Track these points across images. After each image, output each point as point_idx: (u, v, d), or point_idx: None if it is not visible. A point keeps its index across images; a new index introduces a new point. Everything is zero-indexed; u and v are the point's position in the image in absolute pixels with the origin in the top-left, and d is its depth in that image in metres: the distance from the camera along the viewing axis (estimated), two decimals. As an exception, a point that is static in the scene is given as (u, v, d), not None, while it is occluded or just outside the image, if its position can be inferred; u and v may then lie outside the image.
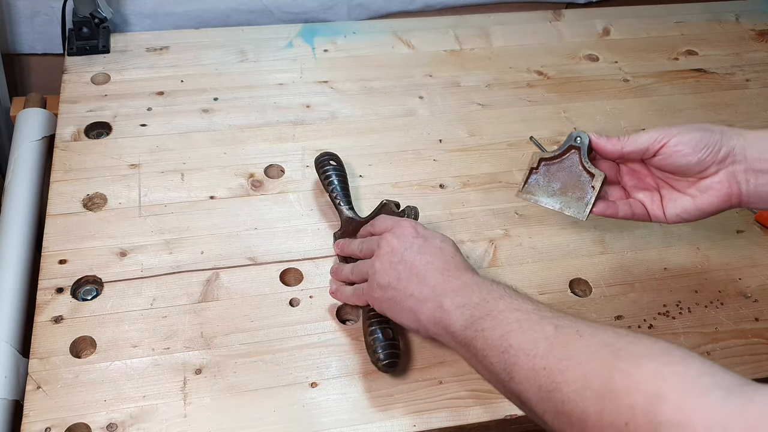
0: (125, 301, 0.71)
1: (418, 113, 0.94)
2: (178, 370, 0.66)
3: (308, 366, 0.68)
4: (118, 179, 0.82)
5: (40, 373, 0.65)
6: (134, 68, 0.95)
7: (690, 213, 0.67)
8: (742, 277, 0.79)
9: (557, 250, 0.79)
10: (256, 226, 0.79)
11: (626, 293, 0.76)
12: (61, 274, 0.72)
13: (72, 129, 0.87)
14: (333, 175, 0.80)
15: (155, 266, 0.74)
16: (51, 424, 0.61)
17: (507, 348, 0.54)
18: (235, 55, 0.99)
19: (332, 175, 0.80)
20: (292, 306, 0.72)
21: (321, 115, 0.92)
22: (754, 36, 1.12)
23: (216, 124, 0.89)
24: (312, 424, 0.64)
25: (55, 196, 0.79)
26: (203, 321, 0.70)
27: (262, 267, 0.75)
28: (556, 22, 1.10)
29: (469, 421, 0.65)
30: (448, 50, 1.03)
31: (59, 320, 0.69)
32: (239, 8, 1.06)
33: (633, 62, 1.04)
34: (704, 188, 0.65)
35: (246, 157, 0.86)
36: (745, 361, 0.71)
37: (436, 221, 0.81)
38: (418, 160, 0.88)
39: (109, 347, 0.67)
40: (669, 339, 0.72)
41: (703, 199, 0.66)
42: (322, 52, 1.01)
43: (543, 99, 0.97)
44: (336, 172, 0.80)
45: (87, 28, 0.95)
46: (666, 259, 0.80)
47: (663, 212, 0.68)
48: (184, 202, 0.80)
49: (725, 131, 0.65)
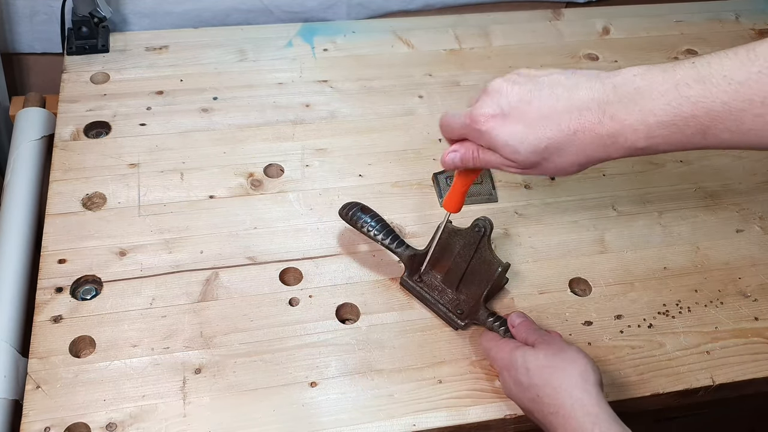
0: (125, 300, 0.71)
1: (417, 112, 0.93)
2: (177, 369, 0.66)
3: (308, 365, 0.67)
4: (118, 179, 0.82)
5: (40, 372, 0.65)
6: (133, 68, 0.95)
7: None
8: (742, 277, 0.79)
9: (557, 250, 0.79)
10: (255, 226, 0.79)
11: (626, 292, 0.76)
12: (61, 274, 0.72)
13: (71, 128, 0.86)
14: (370, 222, 0.74)
15: (155, 266, 0.74)
16: (50, 424, 0.61)
17: None
18: (235, 55, 0.99)
19: (369, 222, 0.74)
20: (292, 305, 0.72)
21: (320, 115, 0.92)
22: (754, 35, 1.12)
23: (215, 124, 0.89)
24: (311, 424, 0.64)
25: (54, 196, 0.79)
26: (203, 320, 0.70)
27: (261, 266, 0.75)
28: (555, 22, 1.10)
29: (468, 420, 0.65)
30: (448, 49, 1.03)
31: (58, 320, 0.69)
32: (239, 7, 1.05)
33: (633, 61, 1.04)
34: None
35: (245, 157, 0.86)
36: (744, 361, 0.71)
37: (435, 221, 0.81)
38: (417, 160, 0.87)
39: (108, 347, 0.67)
40: (669, 338, 0.72)
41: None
42: (321, 52, 1.01)
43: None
44: (370, 218, 0.75)
45: (86, 27, 0.95)
46: (666, 258, 0.80)
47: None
48: (183, 202, 0.80)
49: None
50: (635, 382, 0.69)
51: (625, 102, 0.51)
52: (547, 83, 0.55)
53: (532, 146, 0.54)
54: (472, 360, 0.69)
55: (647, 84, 0.51)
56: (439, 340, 0.71)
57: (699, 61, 0.50)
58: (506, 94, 0.56)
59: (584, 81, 0.54)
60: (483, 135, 0.57)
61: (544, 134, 0.54)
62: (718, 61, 0.49)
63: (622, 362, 0.70)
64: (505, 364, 0.64)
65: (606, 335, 0.72)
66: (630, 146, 0.52)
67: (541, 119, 0.54)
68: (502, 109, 0.55)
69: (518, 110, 0.55)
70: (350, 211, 0.75)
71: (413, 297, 0.73)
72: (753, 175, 0.90)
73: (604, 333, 0.72)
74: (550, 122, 0.54)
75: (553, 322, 0.73)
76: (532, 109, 0.54)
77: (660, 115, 0.50)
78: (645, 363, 0.70)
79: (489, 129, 0.56)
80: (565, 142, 0.54)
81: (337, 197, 0.82)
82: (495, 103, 0.56)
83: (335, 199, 0.82)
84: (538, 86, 0.55)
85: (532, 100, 0.55)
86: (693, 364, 0.70)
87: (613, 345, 0.71)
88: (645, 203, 0.85)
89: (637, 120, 0.51)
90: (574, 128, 0.53)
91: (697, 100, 0.49)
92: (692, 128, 0.50)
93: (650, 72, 0.51)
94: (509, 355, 0.63)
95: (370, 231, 0.74)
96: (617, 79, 0.52)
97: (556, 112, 0.54)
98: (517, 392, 0.62)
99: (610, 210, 0.84)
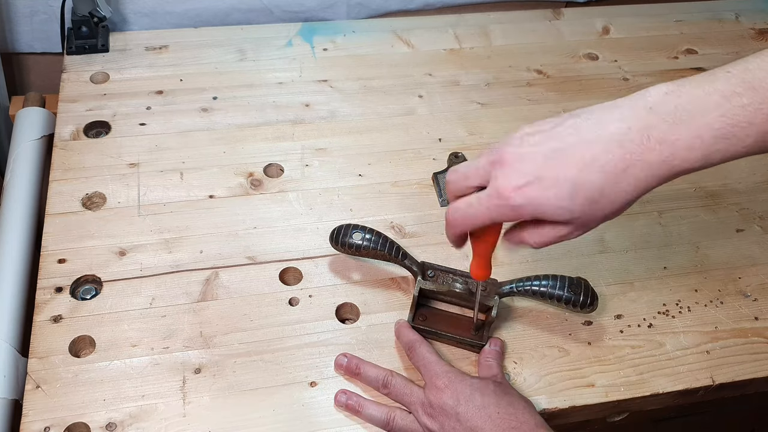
0: (124, 300, 0.71)
1: (417, 112, 0.93)
2: (177, 369, 0.66)
3: (308, 365, 0.67)
4: (118, 178, 0.82)
5: (39, 372, 0.65)
6: (133, 67, 0.95)
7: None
8: (742, 276, 0.79)
9: (557, 249, 0.79)
10: (255, 225, 0.79)
11: (626, 292, 0.76)
12: (60, 274, 0.72)
13: (71, 128, 0.86)
14: (371, 243, 0.72)
15: (154, 265, 0.74)
16: (50, 424, 0.61)
17: None
18: (235, 54, 0.99)
19: (373, 243, 0.72)
20: (292, 305, 0.72)
21: (320, 114, 0.92)
22: (754, 35, 1.12)
23: (215, 123, 0.89)
24: (311, 424, 0.64)
25: (54, 196, 0.79)
26: (202, 320, 0.70)
27: (261, 266, 0.75)
28: (555, 21, 1.10)
29: (468, 420, 0.65)
30: (448, 49, 1.03)
31: (58, 320, 0.69)
32: (238, 7, 1.05)
33: (633, 61, 1.04)
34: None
35: (245, 156, 0.85)
36: (744, 360, 0.71)
37: (435, 221, 0.81)
38: (417, 159, 0.87)
39: (108, 347, 0.67)
40: (669, 338, 0.72)
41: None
42: (321, 51, 1.01)
43: (543, 98, 0.97)
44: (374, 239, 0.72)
45: (86, 27, 0.95)
46: (666, 258, 0.80)
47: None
48: (183, 202, 0.80)
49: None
50: (635, 382, 0.69)
51: (669, 122, 0.48)
52: (566, 131, 0.50)
53: (586, 199, 0.49)
54: (472, 360, 0.69)
55: (689, 100, 0.48)
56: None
57: (734, 69, 0.47)
58: (528, 158, 0.50)
59: (605, 114, 0.50)
60: (523, 209, 0.50)
61: (592, 184, 0.49)
62: (757, 65, 0.47)
63: (622, 362, 0.70)
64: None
65: (606, 335, 0.72)
66: (686, 167, 0.48)
67: (584, 169, 0.49)
68: (532, 175, 0.50)
69: (551, 169, 0.49)
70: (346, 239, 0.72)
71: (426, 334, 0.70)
72: (753, 175, 0.90)
73: (604, 333, 0.72)
74: (592, 168, 0.48)
75: (553, 321, 0.73)
76: (566, 163, 0.49)
77: (718, 128, 0.47)
78: (645, 363, 0.70)
79: (529, 200, 0.50)
80: (617, 182, 0.49)
81: (336, 197, 0.82)
82: (519, 172, 0.50)
83: (335, 199, 0.82)
84: (558, 137, 0.50)
85: (560, 154, 0.49)
86: (693, 363, 0.70)
87: (613, 345, 0.71)
88: (645, 203, 0.85)
89: (691, 137, 0.47)
90: (622, 166, 0.48)
91: (755, 107, 0.46)
92: (752, 137, 0.47)
93: (684, 87, 0.48)
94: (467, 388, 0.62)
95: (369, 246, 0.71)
96: (649, 100, 0.49)
97: (593, 156, 0.49)
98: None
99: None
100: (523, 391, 0.66)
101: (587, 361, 0.70)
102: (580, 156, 0.49)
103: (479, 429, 0.59)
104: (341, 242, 0.72)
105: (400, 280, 0.75)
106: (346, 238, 0.72)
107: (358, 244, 0.71)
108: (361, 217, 0.80)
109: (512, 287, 0.69)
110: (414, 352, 0.67)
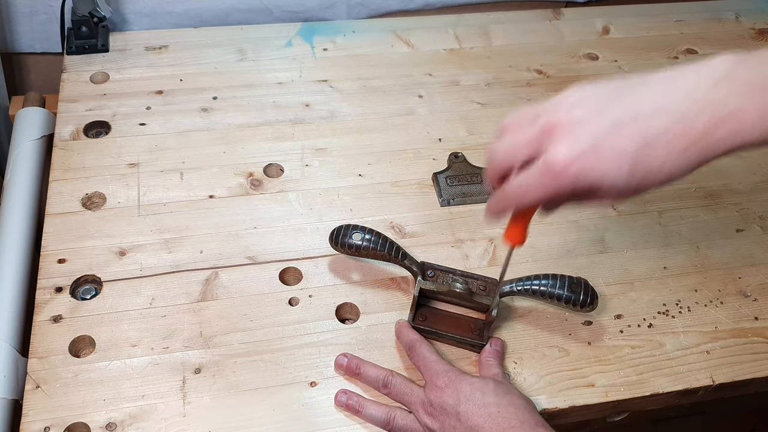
0: (124, 300, 0.71)
1: (417, 112, 0.93)
2: (177, 369, 0.66)
3: (307, 365, 0.67)
4: (117, 178, 0.82)
5: (39, 372, 0.65)
6: (133, 67, 0.95)
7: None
8: (742, 276, 0.79)
9: (557, 249, 0.79)
10: (255, 225, 0.79)
11: (626, 292, 0.76)
12: (60, 274, 0.72)
13: (71, 128, 0.86)
14: (372, 244, 0.71)
15: (154, 265, 0.74)
16: (50, 424, 0.61)
17: None
18: (235, 54, 0.99)
19: (373, 244, 0.71)
20: (292, 305, 0.72)
21: (320, 114, 0.92)
22: (754, 35, 1.12)
23: (215, 123, 0.89)
24: (311, 424, 0.64)
25: (54, 196, 0.79)
26: (202, 320, 0.70)
27: (261, 266, 0.75)
28: (555, 21, 1.10)
29: (468, 420, 0.65)
30: (448, 49, 1.03)
31: (58, 319, 0.69)
32: (238, 7, 1.05)
33: (633, 61, 1.04)
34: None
35: (245, 156, 0.85)
36: (744, 360, 0.71)
37: (435, 221, 0.81)
38: (417, 159, 0.87)
39: (108, 347, 0.67)
40: (669, 338, 0.72)
41: None
42: (321, 51, 1.01)
43: (543, 98, 0.96)
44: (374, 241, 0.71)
45: (86, 27, 0.95)
46: (666, 258, 0.80)
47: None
48: (183, 202, 0.80)
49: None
50: (635, 381, 0.69)
51: (736, 94, 0.45)
52: (627, 99, 0.47)
53: (645, 173, 0.46)
54: (473, 360, 0.69)
55: (757, 73, 0.45)
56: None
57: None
58: (585, 126, 0.46)
59: (669, 84, 0.47)
60: (579, 183, 0.47)
61: (653, 159, 0.46)
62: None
63: (622, 362, 0.70)
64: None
65: (606, 335, 0.72)
66: (749, 141, 0.45)
67: (645, 145, 0.45)
68: (589, 145, 0.46)
69: (610, 141, 0.46)
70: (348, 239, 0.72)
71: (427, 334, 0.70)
72: (753, 175, 0.90)
73: (604, 333, 0.72)
74: (656, 144, 0.45)
75: (553, 321, 0.73)
76: (628, 136, 0.46)
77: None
78: (645, 363, 0.70)
79: (585, 173, 0.46)
80: (679, 158, 0.46)
81: (336, 197, 0.82)
82: (575, 142, 0.46)
83: (335, 199, 0.82)
84: (617, 105, 0.46)
85: (620, 125, 0.46)
86: (693, 363, 0.70)
87: (613, 345, 0.71)
88: (645, 203, 0.85)
89: (759, 110, 0.45)
90: (688, 141, 0.45)
91: None
92: None
93: (748, 62, 0.46)
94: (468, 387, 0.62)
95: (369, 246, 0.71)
96: (715, 72, 0.46)
97: (657, 130, 0.45)
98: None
99: (609, 210, 0.84)
100: (524, 391, 0.66)
101: (587, 361, 0.70)
102: (642, 129, 0.45)
103: (480, 428, 0.59)
104: (341, 243, 0.72)
105: (400, 280, 0.75)
106: (345, 239, 0.72)
107: (358, 245, 0.71)
108: (361, 217, 0.80)
109: (512, 287, 0.69)
110: (414, 351, 0.67)
